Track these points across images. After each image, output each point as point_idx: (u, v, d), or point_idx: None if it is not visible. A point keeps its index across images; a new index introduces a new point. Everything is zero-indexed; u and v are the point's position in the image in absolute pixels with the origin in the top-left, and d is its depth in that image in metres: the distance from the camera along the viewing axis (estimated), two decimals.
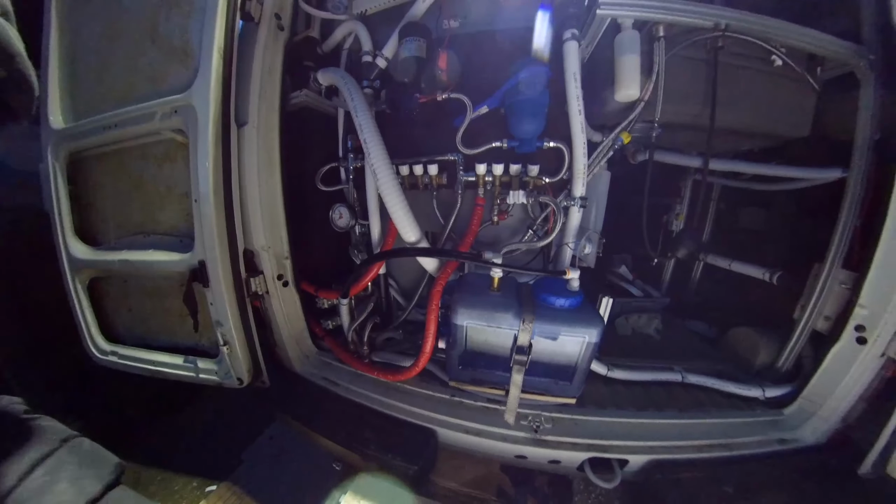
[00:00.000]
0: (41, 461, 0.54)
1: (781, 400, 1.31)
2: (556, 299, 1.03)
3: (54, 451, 0.56)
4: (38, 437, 0.56)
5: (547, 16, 1.11)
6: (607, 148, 1.24)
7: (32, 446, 0.55)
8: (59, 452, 0.56)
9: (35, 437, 0.56)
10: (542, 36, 1.12)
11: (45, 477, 0.53)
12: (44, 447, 0.55)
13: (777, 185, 1.52)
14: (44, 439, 0.56)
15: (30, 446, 0.54)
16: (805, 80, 1.25)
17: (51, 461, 0.54)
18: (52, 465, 0.54)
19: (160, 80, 1.24)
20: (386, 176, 1.09)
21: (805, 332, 1.33)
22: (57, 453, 0.56)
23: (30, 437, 0.55)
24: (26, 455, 0.53)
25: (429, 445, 1.23)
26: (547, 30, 1.12)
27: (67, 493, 0.53)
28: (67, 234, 1.44)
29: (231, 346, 1.27)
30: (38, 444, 0.55)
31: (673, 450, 1.17)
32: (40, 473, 0.53)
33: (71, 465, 0.55)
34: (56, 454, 0.55)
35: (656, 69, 1.18)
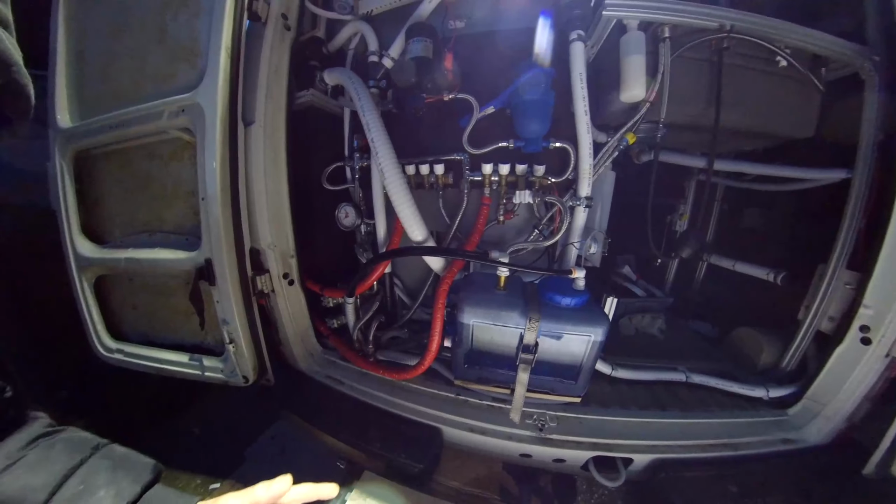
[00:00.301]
0: (73, 471, 0.53)
1: (785, 400, 1.32)
2: (562, 298, 1.04)
3: (86, 459, 0.55)
4: (68, 449, 0.55)
5: (548, 22, 1.11)
6: (612, 148, 1.25)
7: (61, 458, 0.53)
8: (91, 461, 0.55)
9: (64, 449, 0.55)
10: (544, 41, 1.12)
11: (80, 486, 0.52)
12: (75, 456, 0.54)
13: (781, 186, 1.52)
14: (74, 449, 0.55)
15: (58, 458, 0.53)
16: (809, 80, 1.25)
17: (83, 470, 0.53)
18: (85, 474, 0.53)
19: (167, 80, 1.24)
20: (393, 174, 1.09)
21: (809, 332, 1.34)
22: (89, 462, 0.55)
23: (58, 450, 0.54)
24: (56, 466, 0.52)
25: (434, 444, 1.24)
26: (548, 35, 1.12)
27: (105, 499, 0.52)
28: (74, 232, 1.44)
29: (237, 345, 1.27)
30: (67, 454, 0.54)
31: (677, 449, 1.17)
32: (74, 483, 0.52)
33: (105, 472, 0.55)
34: (88, 462, 0.55)
35: (661, 70, 1.18)
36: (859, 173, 1.23)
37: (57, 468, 0.52)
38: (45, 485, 0.50)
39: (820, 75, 1.26)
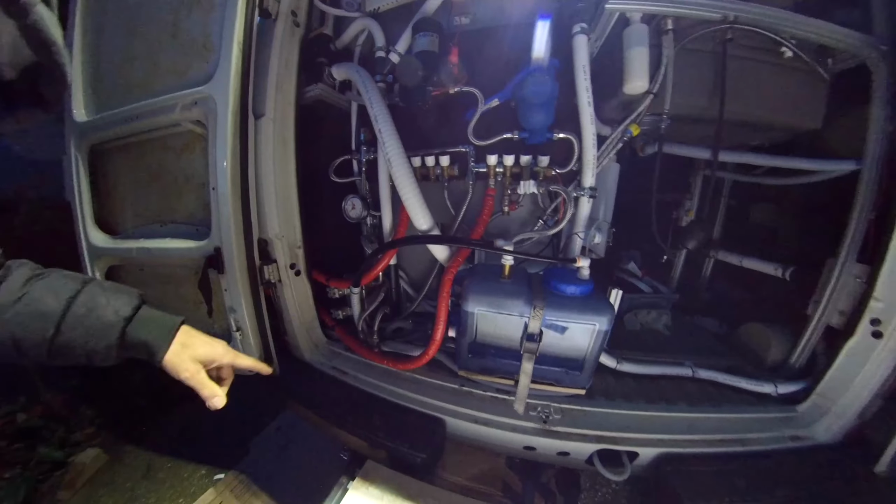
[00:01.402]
0: (77, 294, 0.60)
1: (794, 396, 1.29)
2: (567, 286, 1.04)
3: (83, 287, 0.62)
4: (65, 280, 0.62)
5: (547, 25, 1.13)
6: (616, 140, 1.25)
7: (64, 286, 0.61)
8: (87, 287, 0.62)
9: (62, 280, 0.62)
10: (542, 45, 1.14)
11: (84, 307, 0.60)
12: (73, 285, 0.62)
13: (789, 180, 1.51)
14: (70, 279, 0.63)
15: (61, 287, 0.61)
16: (816, 71, 1.25)
17: (83, 294, 0.60)
18: (86, 297, 0.61)
19: (181, 74, 1.28)
20: (400, 164, 1.11)
21: (819, 327, 1.32)
22: (86, 288, 0.62)
23: (57, 282, 0.62)
24: (62, 292, 0.60)
25: (437, 434, 1.24)
26: (547, 39, 1.14)
27: (108, 314, 0.61)
28: (87, 223, 1.49)
29: (243, 333, 1.29)
30: (66, 284, 0.62)
31: (684, 443, 1.16)
32: (80, 303, 0.60)
33: (101, 294, 0.63)
34: (85, 289, 0.62)
35: (665, 62, 1.19)
36: (868, 165, 1.21)
37: (63, 294, 0.59)
38: (57, 306, 0.57)
39: (826, 66, 1.25)
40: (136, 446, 1.84)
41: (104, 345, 0.60)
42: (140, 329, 0.63)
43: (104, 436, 1.88)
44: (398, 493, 1.19)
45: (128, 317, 0.62)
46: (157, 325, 0.65)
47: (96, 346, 0.60)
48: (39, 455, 1.72)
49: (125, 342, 0.62)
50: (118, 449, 1.83)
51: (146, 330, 0.64)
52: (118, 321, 0.61)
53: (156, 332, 0.65)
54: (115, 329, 0.61)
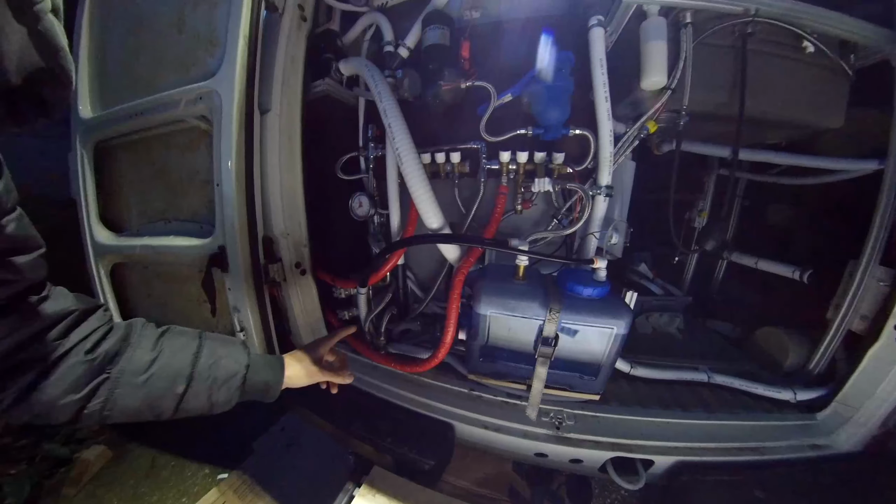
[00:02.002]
0: (200, 350, 0.66)
1: (814, 404, 1.25)
2: (584, 289, 1.00)
3: (202, 342, 0.67)
4: (186, 337, 0.68)
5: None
6: (633, 137, 1.22)
7: (187, 344, 0.66)
8: (205, 342, 0.68)
9: (184, 338, 0.67)
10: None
11: (210, 360, 0.66)
12: (193, 342, 0.67)
13: (807, 179, 1.47)
14: (190, 337, 0.68)
15: (185, 345, 0.66)
16: (838, 67, 1.21)
17: (205, 349, 0.66)
18: (208, 351, 0.66)
19: (186, 69, 1.25)
20: (410, 160, 1.07)
21: (840, 332, 1.28)
22: (205, 343, 0.67)
23: (181, 340, 0.66)
24: (187, 351, 0.65)
25: (446, 440, 1.20)
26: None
27: (230, 364, 0.67)
28: (93, 221, 1.48)
29: (247, 333, 1.26)
30: (188, 341, 0.67)
31: (700, 451, 1.12)
32: (205, 357, 0.65)
33: (219, 347, 0.69)
34: (205, 344, 0.67)
35: (683, 56, 1.15)
36: (891, 164, 1.17)
37: (188, 349, 0.65)
38: (187, 362, 0.63)
39: (849, 62, 1.21)
40: (140, 444, 1.82)
41: (227, 394, 0.66)
42: (258, 372, 0.70)
43: (109, 433, 1.87)
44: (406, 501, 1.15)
45: (248, 364, 0.69)
46: (270, 365, 0.74)
47: (219, 396, 0.65)
48: (44, 451, 1.72)
49: (245, 387, 0.68)
50: (123, 446, 1.82)
51: (263, 372, 0.71)
52: (240, 369, 0.68)
53: (270, 372, 0.73)
54: (238, 377, 0.67)
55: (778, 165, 1.58)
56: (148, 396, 0.59)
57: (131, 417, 0.59)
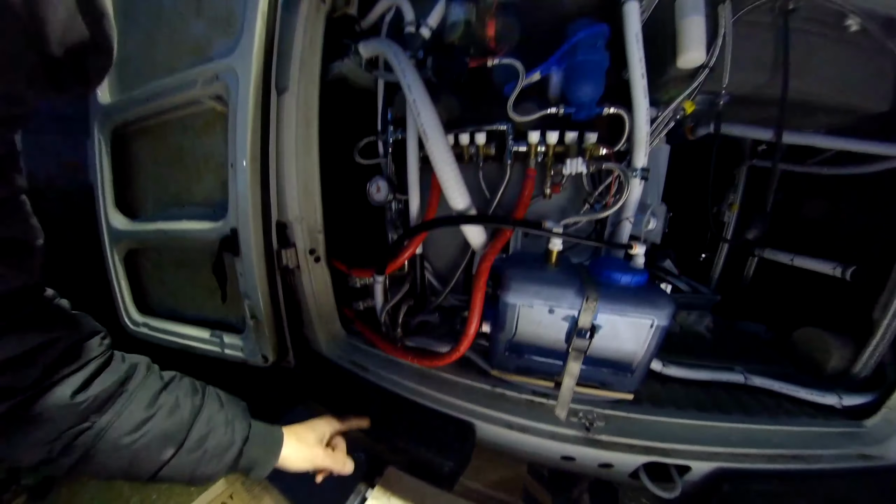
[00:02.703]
0: (197, 413, 0.59)
1: (862, 409, 1.16)
2: (622, 276, 0.93)
3: (201, 404, 0.60)
4: (187, 396, 0.60)
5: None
6: (668, 118, 1.15)
7: (185, 404, 0.59)
8: (206, 404, 0.61)
9: (184, 397, 0.60)
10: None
11: (206, 428, 0.58)
12: (194, 401, 0.60)
13: (850, 169, 1.38)
14: (191, 395, 0.61)
15: (184, 405, 0.59)
16: (884, 47, 1.13)
17: (204, 412, 0.59)
18: (206, 416, 0.59)
19: (203, 51, 1.22)
20: (436, 135, 1.01)
21: (889, 333, 1.19)
22: (204, 406, 0.60)
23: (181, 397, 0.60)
24: (184, 413, 0.58)
25: (467, 440, 1.13)
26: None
27: (227, 435, 0.60)
28: (109, 207, 1.46)
29: (258, 321, 1.21)
30: (188, 401, 0.60)
31: (741, 458, 1.04)
32: (201, 424, 0.58)
33: (219, 413, 0.61)
34: (204, 406, 0.60)
35: (722, 32, 1.08)
36: None
37: (185, 412, 0.57)
38: (182, 425, 0.56)
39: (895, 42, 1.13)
40: None
41: (213, 469, 0.59)
42: (253, 447, 0.63)
43: None
44: None
45: (245, 437, 0.62)
46: (265, 441, 0.66)
47: (205, 469, 0.58)
48: None
49: (238, 463, 0.61)
50: None
51: (258, 447, 0.64)
52: (237, 442, 0.61)
53: (263, 449, 0.66)
54: (231, 451, 0.60)
55: (815, 154, 1.50)
56: (130, 459, 0.51)
57: (102, 476, 0.52)
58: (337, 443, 0.85)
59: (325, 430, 0.80)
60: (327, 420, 0.83)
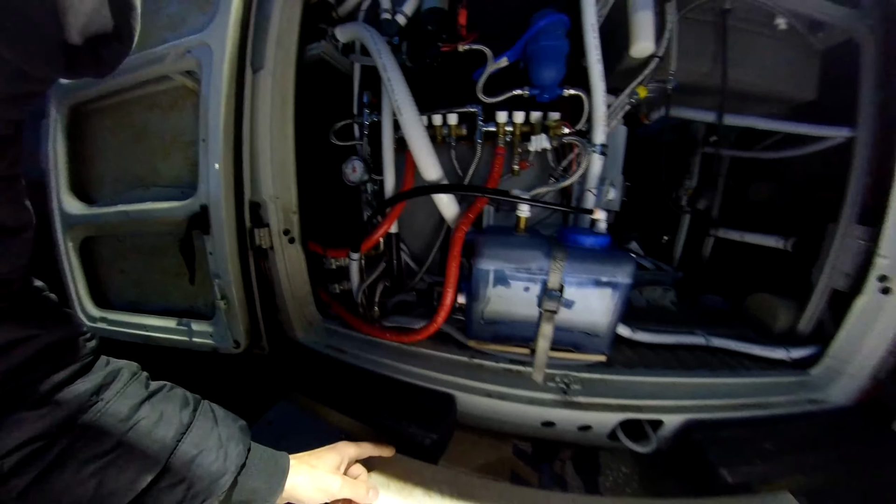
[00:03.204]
0: (186, 431, 0.52)
1: (807, 360, 1.28)
2: (586, 238, 0.99)
3: (192, 422, 0.54)
4: (176, 408, 0.54)
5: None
6: (623, 102, 1.25)
7: (172, 421, 0.52)
8: (196, 422, 0.54)
9: (173, 410, 0.54)
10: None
11: (195, 450, 0.51)
12: (183, 417, 0.53)
13: (786, 153, 1.56)
14: (181, 408, 0.55)
15: (171, 420, 0.52)
16: (809, 43, 1.31)
17: (194, 431, 0.52)
18: (196, 437, 0.52)
19: (175, 28, 1.20)
20: (408, 110, 1.05)
21: (825, 291, 1.32)
22: (196, 423, 0.54)
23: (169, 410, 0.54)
24: (170, 430, 0.51)
25: (448, 412, 1.13)
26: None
27: (217, 462, 0.52)
28: (62, 191, 1.36)
29: (229, 302, 1.17)
30: (177, 415, 0.53)
31: (708, 409, 1.11)
32: (189, 445, 0.51)
33: (212, 434, 0.54)
34: (195, 424, 0.54)
35: (669, 27, 1.22)
36: (862, 132, 1.26)
37: (172, 427, 0.51)
38: (164, 444, 0.49)
39: (818, 39, 1.31)
40: None
41: (203, 501, 0.49)
42: (250, 475, 0.55)
43: None
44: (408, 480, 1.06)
45: (240, 464, 0.54)
46: (267, 467, 0.58)
47: (194, 501, 0.49)
48: None
49: (231, 494, 0.52)
50: None
51: (257, 476, 0.56)
52: (229, 471, 0.52)
53: (264, 477, 0.57)
54: (224, 481, 0.51)
55: (758, 142, 1.67)
56: (96, 487, 0.42)
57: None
58: (357, 471, 0.77)
59: (341, 455, 0.72)
60: (344, 445, 0.75)
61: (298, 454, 0.66)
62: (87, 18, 0.32)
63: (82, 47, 0.33)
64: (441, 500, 0.94)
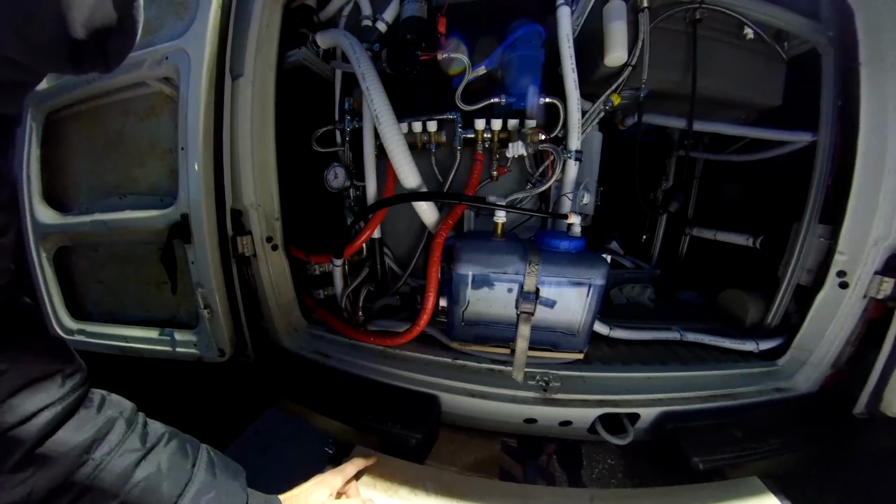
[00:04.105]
0: (185, 490, 0.50)
1: (775, 352, 1.35)
2: (560, 242, 1.03)
3: (191, 476, 0.52)
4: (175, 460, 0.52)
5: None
6: (599, 109, 1.29)
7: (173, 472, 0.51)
8: (196, 475, 0.53)
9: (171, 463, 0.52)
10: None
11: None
12: (184, 470, 0.52)
13: (754, 156, 1.63)
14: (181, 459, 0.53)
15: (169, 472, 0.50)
16: (775, 52, 1.37)
17: (191, 489, 0.51)
18: (195, 492, 0.51)
19: (151, 34, 1.19)
20: (387, 119, 1.07)
21: (790, 286, 1.39)
22: (194, 478, 0.52)
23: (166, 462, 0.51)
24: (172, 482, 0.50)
25: (432, 412, 1.15)
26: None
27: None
28: (35, 199, 1.33)
29: (212, 311, 1.16)
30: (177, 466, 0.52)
31: (681, 401, 1.16)
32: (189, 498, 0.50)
33: (211, 486, 0.53)
34: (194, 479, 0.52)
35: (641, 37, 1.26)
36: (823, 136, 1.33)
37: (173, 488, 0.49)
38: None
39: (784, 48, 1.38)
40: None
41: None
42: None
43: None
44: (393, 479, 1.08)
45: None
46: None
47: None
48: None
49: None
50: None
51: None
52: None
53: None
54: None
55: (730, 145, 1.75)
56: None
57: None
58: (348, 489, 0.81)
59: (332, 485, 0.75)
60: (330, 476, 0.78)
61: (288, 495, 0.69)
62: (90, 11, 0.32)
63: (87, 42, 0.33)
64: (426, 498, 0.96)
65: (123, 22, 0.36)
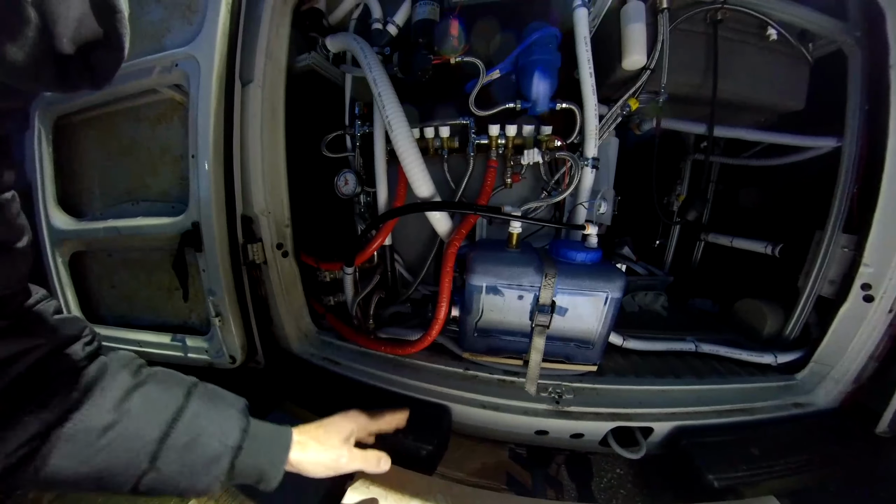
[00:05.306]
0: (178, 415, 0.52)
1: (793, 365, 1.31)
2: (577, 254, 1.00)
3: (185, 406, 0.54)
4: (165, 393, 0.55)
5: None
6: (616, 115, 1.26)
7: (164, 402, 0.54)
8: (190, 405, 0.54)
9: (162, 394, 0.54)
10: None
11: (185, 437, 0.51)
12: (177, 399, 0.54)
13: (774, 160, 1.58)
14: (172, 390, 0.55)
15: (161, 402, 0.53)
16: (799, 54, 1.32)
17: (186, 416, 0.52)
18: (188, 421, 0.52)
19: (159, 39, 1.18)
20: (400, 126, 1.05)
21: (811, 298, 1.35)
22: (188, 407, 0.54)
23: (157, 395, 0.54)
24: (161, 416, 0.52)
25: (443, 423, 1.15)
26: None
27: (212, 444, 0.53)
28: (49, 205, 1.34)
29: (224, 319, 1.16)
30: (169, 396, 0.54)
31: (696, 416, 1.14)
32: (184, 425, 0.51)
33: (205, 417, 0.54)
34: (188, 408, 0.54)
35: (661, 39, 1.21)
36: (848, 141, 1.28)
37: (163, 414, 0.51)
38: (155, 434, 0.49)
39: (808, 50, 1.32)
40: None
41: (205, 483, 0.51)
42: (252, 454, 0.55)
43: None
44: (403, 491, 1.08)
45: (239, 445, 0.54)
46: (269, 444, 0.58)
47: (195, 483, 0.51)
48: None
49: (233, 474, 0.53)
50: None
51: (259, 454, 0.56)
52: (226, 452, 0.53)
53: (267, 455, 0.57)
54: (222, 462, 0.52)
55: (748, 149, 1.69)
56: (98, 470, 0.46)
57: (72, 490, 0.50)
58: (365, 440, 0.76)
59: (351, 425, 0.70)
60: (354, 416, 0.73)
61: (305, 426, 0.65)
62: (76, 24, 0.31)
63: (74, 57, 0.33)
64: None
65: (110, 36, 0.35)
